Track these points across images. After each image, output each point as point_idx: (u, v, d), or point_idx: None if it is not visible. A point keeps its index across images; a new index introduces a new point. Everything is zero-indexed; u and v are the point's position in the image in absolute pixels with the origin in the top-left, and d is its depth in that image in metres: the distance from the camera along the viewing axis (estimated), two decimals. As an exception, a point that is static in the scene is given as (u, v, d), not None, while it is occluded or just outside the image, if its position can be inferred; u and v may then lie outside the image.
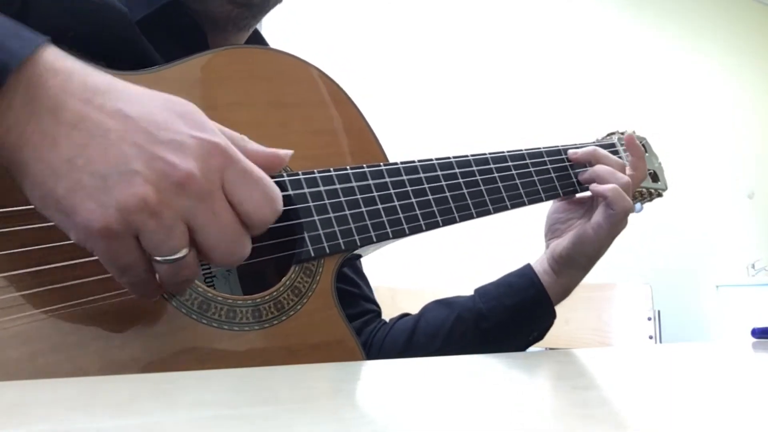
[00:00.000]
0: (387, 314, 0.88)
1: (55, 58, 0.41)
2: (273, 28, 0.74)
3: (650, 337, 1.96)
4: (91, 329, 0.46)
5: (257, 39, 0.80)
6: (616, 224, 0.77)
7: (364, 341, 0.82)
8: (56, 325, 0.45)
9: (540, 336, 0.84)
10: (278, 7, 0.75)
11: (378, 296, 0.89)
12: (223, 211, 0.42)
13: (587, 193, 0.81)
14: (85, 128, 0.40)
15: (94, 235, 0.40)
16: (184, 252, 0.42)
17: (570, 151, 0.82)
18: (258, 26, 0.80)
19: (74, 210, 0.40)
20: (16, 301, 0.44)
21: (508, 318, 0.80)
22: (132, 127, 0.40)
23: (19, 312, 0.44)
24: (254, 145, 0.47)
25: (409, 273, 2.50)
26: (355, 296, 0.84)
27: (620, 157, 0.85)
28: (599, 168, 0.80)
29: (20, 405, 0.29)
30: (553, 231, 0.83)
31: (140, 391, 0.35)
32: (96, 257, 0.42)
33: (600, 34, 3.49)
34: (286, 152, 0.49)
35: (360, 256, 0.70)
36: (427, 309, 0.84)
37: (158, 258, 0.42)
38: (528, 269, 0.82)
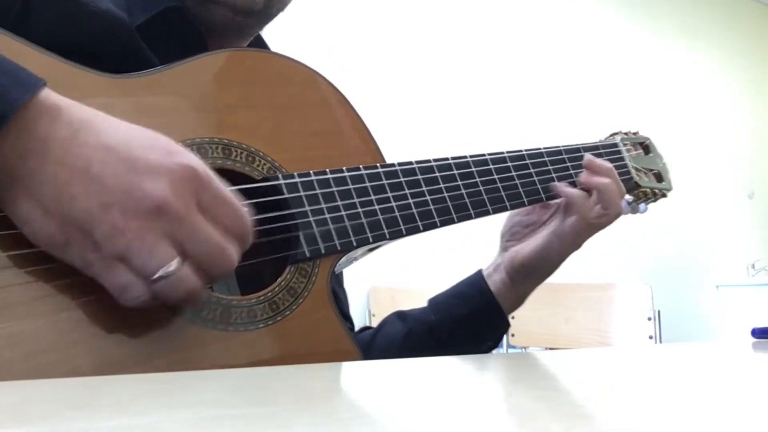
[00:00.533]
0: (387, 314, 0.88)
1: (47, 99, 0.43)
2: (273, 27, 0.74)
3: (650, 337, 1.97)
4: (85, 330, 0.46)
5: (258, 41, 0.80)
6: (580, 232, 0.74)
7: None
8: (51, 325, 0.45)
9: (494, 345, 0.82)
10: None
11: (378, 296, 0.89)
12: (201, 224, 0.45)
13: (558, 200, 0.77)
14: (70, 164, 0.43)
15: (88, 263, 0.43)
16: (174, 264, 0.44)
17: (587, 158, 0.77)
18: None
19: (67, 242, 0.43)
20: (11, 301, 0.44)
21: (458, 329, 0.78)
22: (113, 157, 0.43)
23: (13, 312, 0.44)
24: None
25: (409, 273, 2.50)
26: None
27: (622, 158, 0.85)
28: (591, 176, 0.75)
29: (20, 405, 0.29)
30: (512, 233, 0.79)
31: (140, 391, 0.35)
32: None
33: (599, 34, 3.49)
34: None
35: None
36: (385, 322, 0.82)
37: (152, 278, 0.43)
38: (478, 277, 0.79)
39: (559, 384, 0.42)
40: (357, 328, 0.86)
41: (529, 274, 0.77)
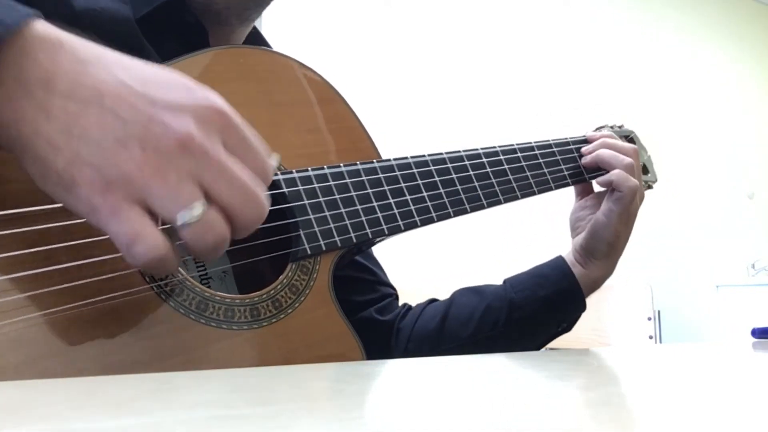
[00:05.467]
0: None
1: (45, 30, 0.40)
2: (273, 26, 0.74)
3: (650, 337, 1.96)
4: (89, 332, 0.46)
5: (257, 38, 0.80)
6: (625, 205, 0.79)
7: (389, 326, 0.83)
8: (54, 328, 0.45)
9: (569, 327, 0.86)
10: (281, 6, 0.75)
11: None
12: (229, 163, 0.41)
13: (602, 189, 0.83)
14: (80, 97, 0.39)
15: (96, 207, 0.39)
16: (200, 208, 0.39)
17: (584, 149, 0.84)
18: (258, 25, 0.80)
19: (74, 182, 0.39)
20: (14, 305, 0.44)
21: (540, 308, 0.81)
22: (128, 91, 0.40)
23: (16, 316, 0.43)
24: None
25: (409, 273, 2.50)
26: (371, 283, 0.85)
27: None
28: (602, 152, 0.82)
29: (20, 405, 0.29)
30: (575, 229, 0.85)
31: (140, 391, 0.35)
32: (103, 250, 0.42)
33: (599, 33, 3.49)
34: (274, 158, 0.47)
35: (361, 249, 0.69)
36: (457, 295, 0.84)
37: (178, 222, 0.39)
38: (560, 261, 0.83)
39: (558, 384, 0.42)
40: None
41: (591, 255, 0.81)
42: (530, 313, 0.80)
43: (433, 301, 0.86)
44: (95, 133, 0.38)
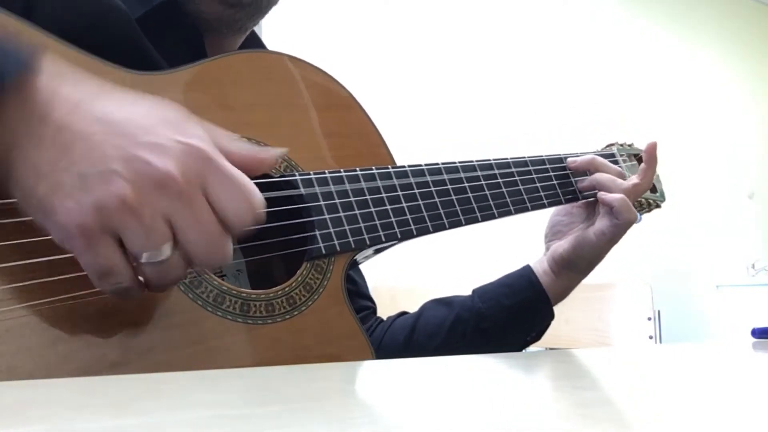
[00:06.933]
0: (387, 314, 0.88)
1: (51, 62, 0.42)
2: (278, 28, 0.75)
3: (650, 337, 1.96)
4: (112, 319, 0.47)
5: (254, 41, 0.80)
6: (619, 233, 0.79)
7: None
8: (77, 314, 0.46)
9: (538, 336, 0.85)
10: (281, 8, 0.75)
11: (378, 296, 0.90)
12: (203, 212, 0.42)
13: (591, 198, 0.82)
14: (72, 129, 0.41)
15: (72, 235, 0.40)
16: (168, 251, 0.42)
17: (569, 159, 0.83)
18: (257, 28, 0.80)
19: (53, 209, 0.40)
20: (41, 291, 0.45)
21: (507, 318, 0.81)
22: (114, 130, 0.41)
23: (40, 299, 0.45)
24: (236, 146, 0.47)
25: (409, 273, 2.50)
26: (351, 293, 0.85)
27: (620, 167, 0.87)
28: (600, 176, 0.81)
29: (20, 405, 0.29)
30: (554, 233, 0.84)
31: (140, 391, 0.35)
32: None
33: (598, 32, 3.49)
34: (269, 155, 0.48)
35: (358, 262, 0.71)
36: (425, 308, 0.84)
37: (143, 260, 0.41)
38: (527, 270, 0.83)
39: (558, 384, 0.42)
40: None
41: (568, 267, 0.81)
42: (497, 323, 0.80)
43: (403, 313, 0.86)
44: (80, 166, 0.40)
